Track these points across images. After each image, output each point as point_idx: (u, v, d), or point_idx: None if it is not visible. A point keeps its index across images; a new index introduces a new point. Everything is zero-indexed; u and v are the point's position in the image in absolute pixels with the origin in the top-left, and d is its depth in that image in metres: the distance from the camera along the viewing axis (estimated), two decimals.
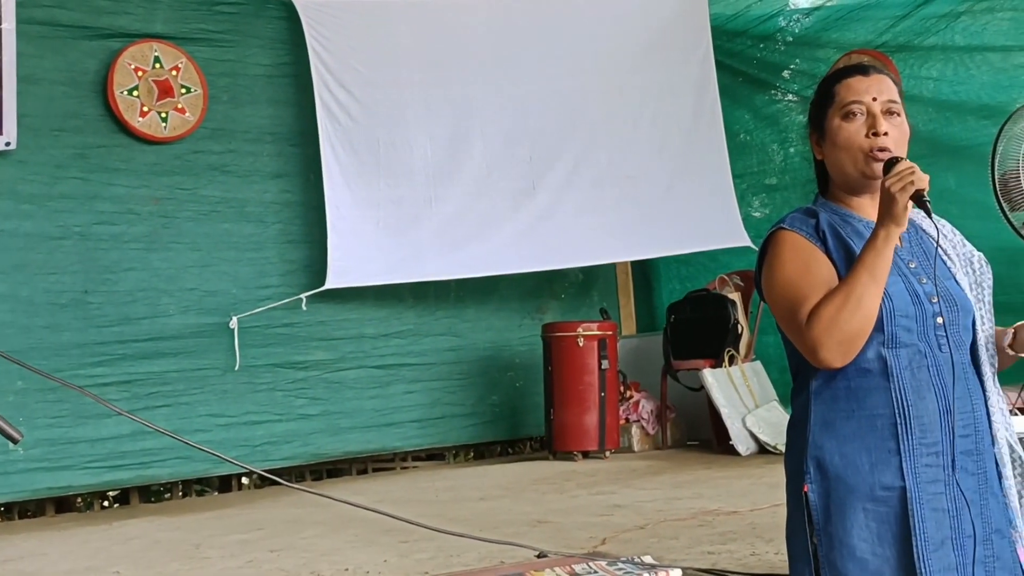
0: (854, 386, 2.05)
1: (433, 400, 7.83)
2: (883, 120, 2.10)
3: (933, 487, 2.02)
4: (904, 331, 2.05)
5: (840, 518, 2.03)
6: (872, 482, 2.02)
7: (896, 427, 2.02)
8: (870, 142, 2.10)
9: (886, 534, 2.01)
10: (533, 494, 6.24)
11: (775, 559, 4.03)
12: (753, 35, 9.02)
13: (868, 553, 2.01)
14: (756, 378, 7.76)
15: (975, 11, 7.89)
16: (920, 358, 2.05)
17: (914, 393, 2.03)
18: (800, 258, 2.09)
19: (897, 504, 2.01)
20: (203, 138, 7.09)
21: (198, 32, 7.14)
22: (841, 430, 2.05)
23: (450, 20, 7.93)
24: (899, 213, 1.99)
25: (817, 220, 2.14)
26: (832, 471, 2.04)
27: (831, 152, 2.16)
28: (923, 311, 2.07)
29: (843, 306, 1.98)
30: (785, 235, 2.13)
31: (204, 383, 6.89)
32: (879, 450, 2.03)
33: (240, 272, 7.16)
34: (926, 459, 2.02)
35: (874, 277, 1.98)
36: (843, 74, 2.18)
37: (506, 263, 7.87)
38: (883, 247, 1.99)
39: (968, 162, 7.42)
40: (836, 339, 1.98)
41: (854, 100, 2.12)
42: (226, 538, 5.33)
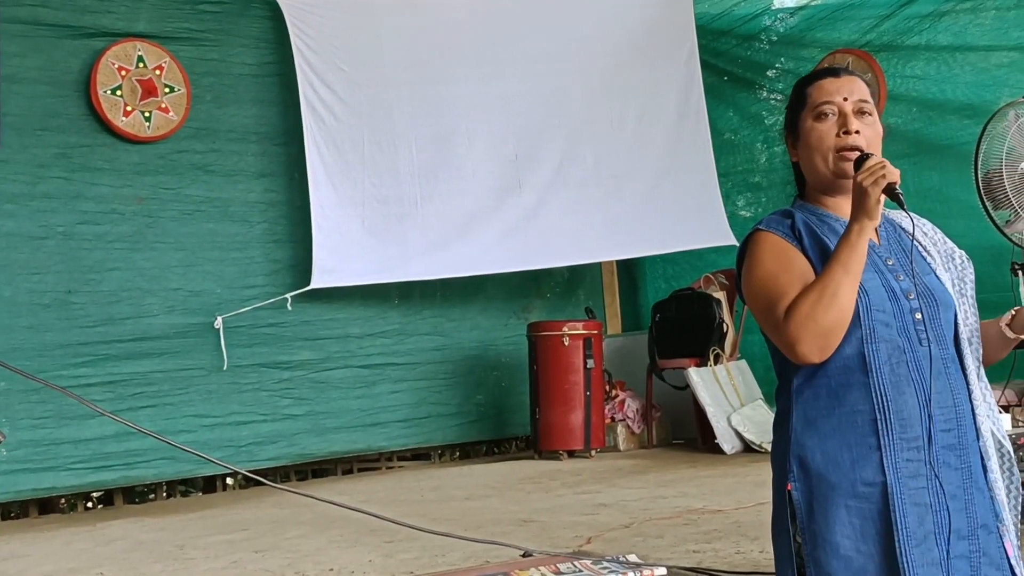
0: (834, 383, 2.06)
1: (419, 400, 7.82)
2: (854, 119, 2.13)
3: (914, 482, 2.02)
4: (882, 326, 2.06)
5: (823, 516, 2.03)
6: (854, 478, 2.02)
7: (876, 423, 2.03)
8: (841, 141, 2.12)
9: (869, 530, 2.01)
10: (518, 493, 6.24)
11: (760, 557, 4.04)
12: (738, 34, 9.03)
13: (852, 550, 2.01)
14: (741, 377, 7.77)
15: (958, 11, 7.92)
16: (899, 353, 2.06)
17: (893, 388, 2.04)
18: (776, 257, 2.11)
19: (879, 500, 2.01)
20: (187, 137, 7.07)
21: (182, 31, 7.11)
22: (822, 428, 2.06)
23: (435, 19, 7.92)
24: (872, 207, 2.01)
25: (793, 220, 2.16)
26: (814, 469, 2.05)
27: (805, 153, 2.18)
28: (900, 307, 2.08)
29: (818, 300, 1.99)
30: (762, 236, 2.15)
31: (189, 383, 6.87)
32: (860, 446, 2.03)
33: (225, 272, 7.14)
34: (907, 454, 2.02)
35: (848, 271, 2.00)
36: (814, 77, 2.21)
37: (491, 262, 7.87)
38: (857, 241, 2.01)
39: (951, 161, 7.46)
40: (813, 333, 1.99)
41: (825, 101, 2.14)
42: (210, 539, 5.31)
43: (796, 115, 2.19)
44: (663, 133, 8.48)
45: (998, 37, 7.82)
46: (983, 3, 7.84)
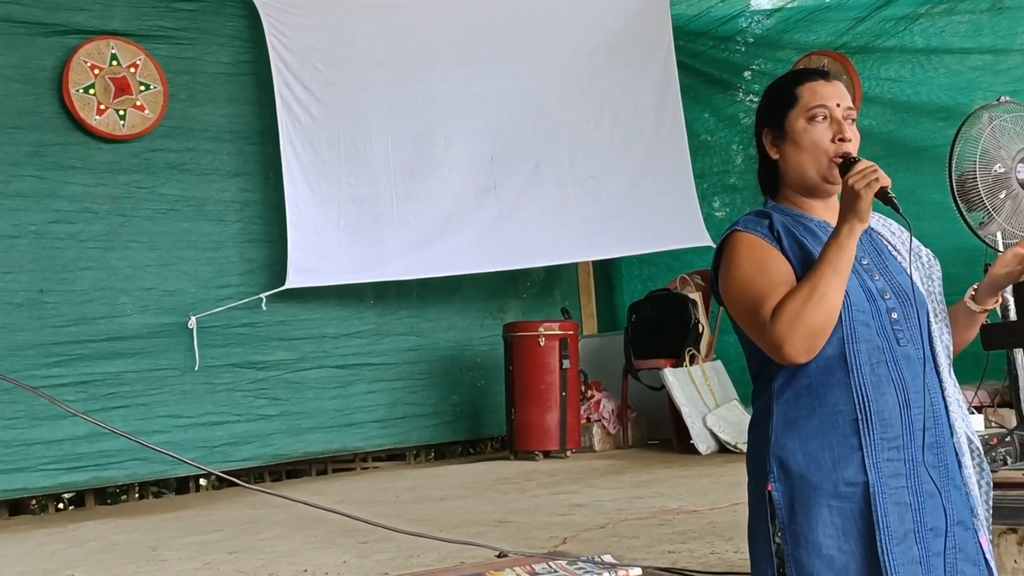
0: (815, 384, 2.06)
1: (394, 400, 7.80)
2: (848, 126, 2.13)
3: (895, 481, 2.03)
4: (862, 326, 2.06)
5: (805, 516, 2.03)
6: (836, 479, 2.02)
7: (857, 423, 2.03)
8: (836, 147, 2.12)
9: (851, 530, 2.01)
10: (494, 494, 6.23)
11: (735, 557, 4.04)
12: (715, 36, 9.05)
13: (834, 549, 2.01)
14: (717, 377, 7.78)
15: (933, 14, 7.95)
16: (879, 353, 2.06)
17: (874, 388, 2.04)
18: (756, 257, 2.10)
19: (860, 499, 2.01)
20: (162, 136, 7.03)
21: (157, 29, 7.08)
22: (803, 428, 2.06)
23: (412, 20, 7.91)
24: (863, 209, 2.01)
25: (771, 220, 2.15)
26: (796, 469, 2.05)
27: (793, 154, 2.17)
28: (878, 307, 2.09)
29: (807, 300, 1.99)
30: (740, 236, 2.14)
31: (162, 384, 6.83)
32: (841, 446, 2.03)
33: (199, 271, 7.10)
34: (887, 453, 2.03)
35: (837, 272, 2.00)
36: (804, 77, 2.19)
37: (468, 263, 7.86)
38: (846, 242, 2.01)
39: (926, 163, 7.48)
40: (801, 334, 1.99)
41: (820, 104, 2.14)
42: (183, 540, 5.28)
43: (783, 113, 2.18)
44: (640, 134, 8.49)
45: (972, 40, 7.86)
46: (957, 6, 7.88)
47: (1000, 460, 3.21)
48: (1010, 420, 4.14)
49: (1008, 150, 3.53)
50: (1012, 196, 3.50)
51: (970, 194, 5.69)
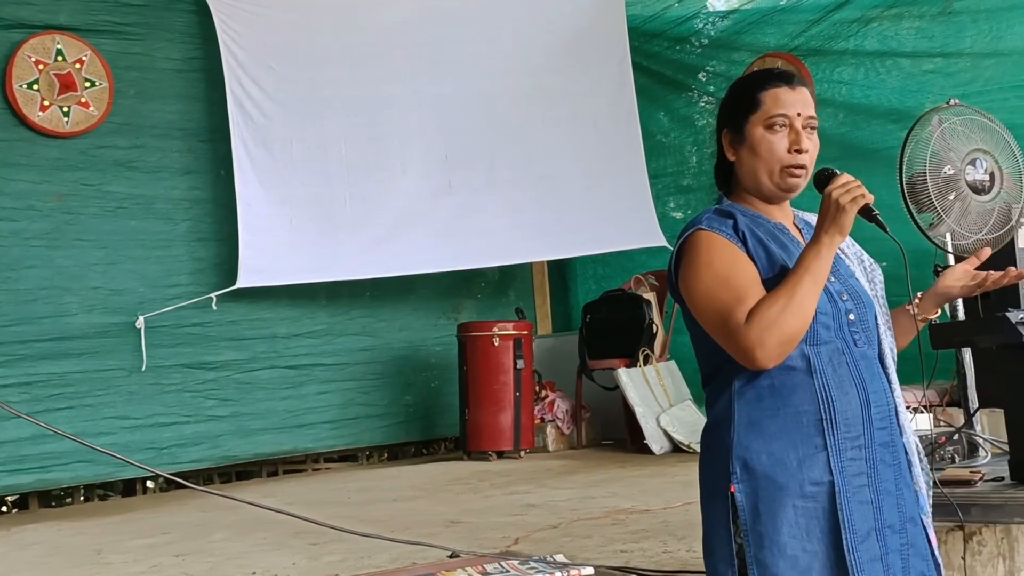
0: (778, 384, 2.06)
1: (347, 401, 7.74)
2: (805, 137, 2.13)
3: (857, 480, 2.04)
4: (824, 328, 2.07)
5: (770, 517, 2.03)
6: (801, 479, 2.03)
7: (822, 423, 2.04)
8: (791, 158, 2.12)
9: (815, 529, 2.02)
10: (447, 494, 6.19)
11: (687, 556, 4.03)
12: (670, 37, 9.07)
13: (798, 550, 2.01)
14: (670, 377, 7.79)
15: (885, 17, 8.02)
16: (839, 355, 2.08)
17: (837, 389, 2.06)
18: (725, 258, 2.09)
19: (825, 499, 2.02)
20: (108, 133, 6.92)
21: (104, 24, 6.97)
22: (767, 429, 2.06)
23: (367, 19, 7.86)
24: (847, 224, 2.03)
25: (735, 220, 2.14)
26: (760, 470, 2.04)
27: (748, 159, 2.17)
28: (837, 309, 2.10)
29: (785, 308, 1.99)
30: (705, 236, 2.12)
31: (109, 384, 6.72)
32: (806, 446, 2.04)
33: (147, 270, 7.00)
34: (850, 452, 2.04)
35: (816, 281, 2.02)
36: (768, 81, 2.18)
37: (422, 263, 7.82)
38: (826, 253, 2.02)
39: (878, 165, 7.52)
40: (777, 340, 1.99)
41: (781, 113, 2.13)
42: (130, 543, 5.19)
43: (743, 116, 2.17)
44: (595, 134, 8.49)
45: (923, 43, 7.94)
46: (909, 10, 7.96)
47: (948, 458, 3.23)
48: (958, 419, 4.17)
49: (957, 152, 3.55)
50: (961, 198, 3.52)
51: (920, 196, 5.74)
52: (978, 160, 3.70)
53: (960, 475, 2.91)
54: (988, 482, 2.88)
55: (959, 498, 2.75)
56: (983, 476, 2.91)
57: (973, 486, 2.84)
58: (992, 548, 3.16)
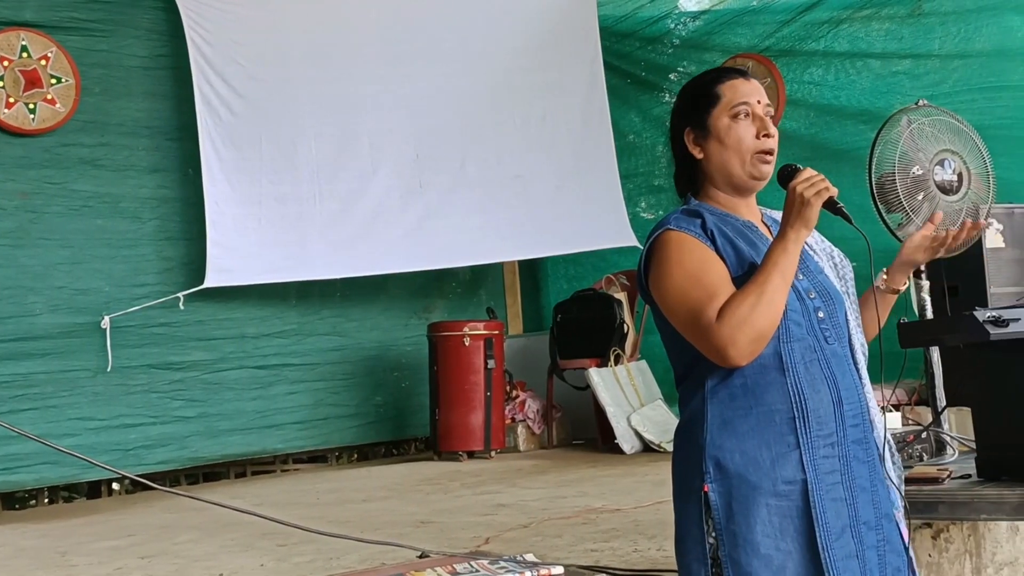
0: (751, 383, 2.05)
1: (316, 401, 7.68)
2: (770, 122, 2.14)
3: (831, 477, 2.04)
4: (795, 326, 2.07)
5: (744, 516, 2.02)
6: (774, 477, 2.02)
7: (794, 421, 2.04)
8: (761, 143, 2.12)
9: (788, 528, 2.01)
10: (417, 495, 6.17)
11: (658, 555, 4.04)
12: (642, 37, 9.09)
13: (772, 548, 2.01)
14: (641, 377, 7.80)
15: (856, 19, 8.07)
16: (811, 352, 2.07)
17: (809, 386, 2.05)
18: (695, 257, 2.08)
19: (799, 497, 2.02)
20: (74, 131, 6.85)
21: (70, 21, 6.89)
22: (740, 428, 2.05)
23: (337, 16, 7.81)
24: (812, 217, 2.03)
25: (703, 219, 2.13)
26: (733, 469, 2.03)
27: (717, 151, 2.16)
28: (806, 306, 2.10)
29: (756, 305, 1.98)
30: (674, 235, 2.11)
31: (74, 385, 6.64)
32: (779, 445, 2.03)
33: (114, 270, 6.93)
34: (823, 450, 2.04)
35: (784, 277, 2.01)
36: (723, 76, 2.19)
37: (393, 262, 7.78)
38: (793, 248, 2.02)
39: (847, 165, 7.55)
40: (749, 337, 1.98)
41: (743, 102, 2.14)
42: (95, 545, 5.15)
43: (705, 112, 2.16)
44: (566, 134, 8.49)
45: (893, 45, 8.00)
46: (879, 12, 8.01)
47: (916, 456, 3.23)
48: (926, 417, 4.19)
49: (926, 152, 3.55)
50: (929, 198, 3.52)
51: (889, 196, 5.77)
52: (946, 161, 3.70)
53: (927, 473, 2.91)
54: (955, 480, 2.88)
55: (927, 496, 2.75)
56: (950, 474, 2.91)
57: (940, 484, 2.84)
58: (959, 545, 3.17)
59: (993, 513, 2.73)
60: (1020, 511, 2.65)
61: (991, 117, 6.97)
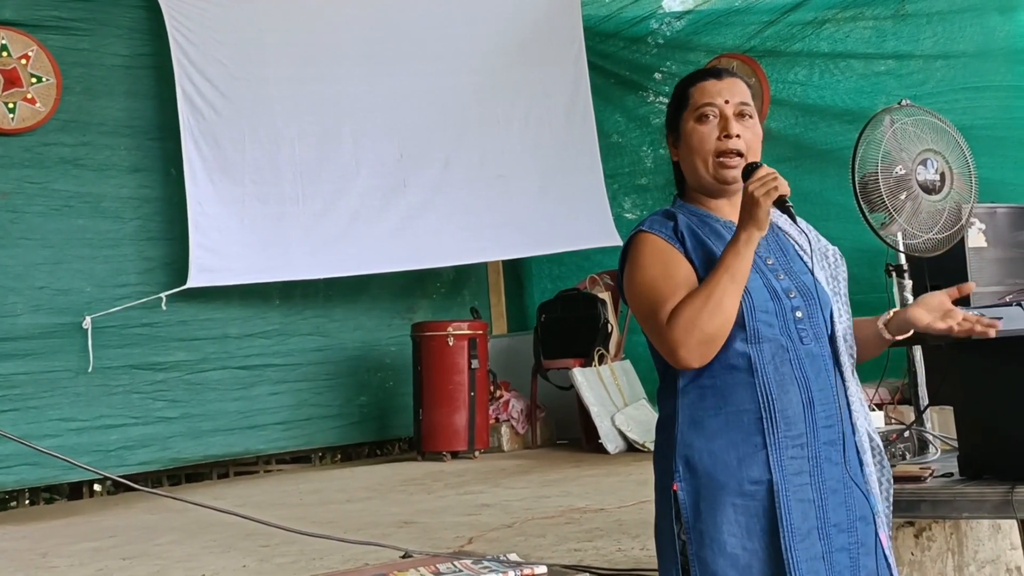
0: (720, 383, 2.06)
1: (299, 401, 7.65)
2: (735, 122, 2.12)
3: (798, 479, 2.03)
4: (765, 326, 2.06)
5: (710, 515, 2.03)
6: (740, 477, 2.02)
7: (762, 422, 2.03)
8: (721, 145, 2.11)
9: (755, 528, 2.02)
10: (400, 495, 6.16)
11: (641, 554, 4.03)
12: (625, 37, 9.09)
13: (738, 548, 2.01)
14: (625, 377, 7.79)
15: (839, 19, 8.09)
16: (782, 352, 2.06)
17: (778, 387, 2.05)
18: (659, 260, 2.09)
19: (765, 497, 2.02)
20: (55, 130, 6.81)
21: (51, 19, 6.85)
22: (709, 427, 2.06)
23: (319, 15, 7.79)
24: (762, 218, 2.01)
25: (675, 222, 2.14)
26: (701, 469, 2.04)
27: (686, 155, 2.17)
28: (782, 306, 2.09)
29: (703, 307, 1.99)
30: (644, 237, 2.13)
31: (54, 386, 6.61)
32: (746, 445, 2.03)
33: (95, 270, 6.89)
34: (791, 451, 2.03)
35: (735, 279, 2.00)
36: (697, 78, 2.20)
37: (376, 262, 7.76)
38: (744, 250, 2.01)
39: (831, 165, 7.59)
40: (696, 339, 1.99)
41: (707, 103, 2.13)
42: (75, 546, 5.12)
43: (678, 115, 2.18)
44: (550, 134, 8.49)
45: (876, 45, 8.02)
46: (862, 12, 8.03)
47: (899, 455, 3.24)
48: (909, 417, 4.20)
49: (909, 152, 3.56)
50: (912, 197, 3.53)
51: (872, 195, 5.78)
52: (929, 160, 3.71)
53: (910, 471, 2.92)
54: (937, 478, 2.88)
55: (909, 494, 2.76)
56: (932, 472, 2.92)
57: (923, 482, 2.84)
58: (941, 543, 3.17)
59: (975, 511, 2.74)
60: (1001, 509, 2.65)
61: (973, 117, 7.00)
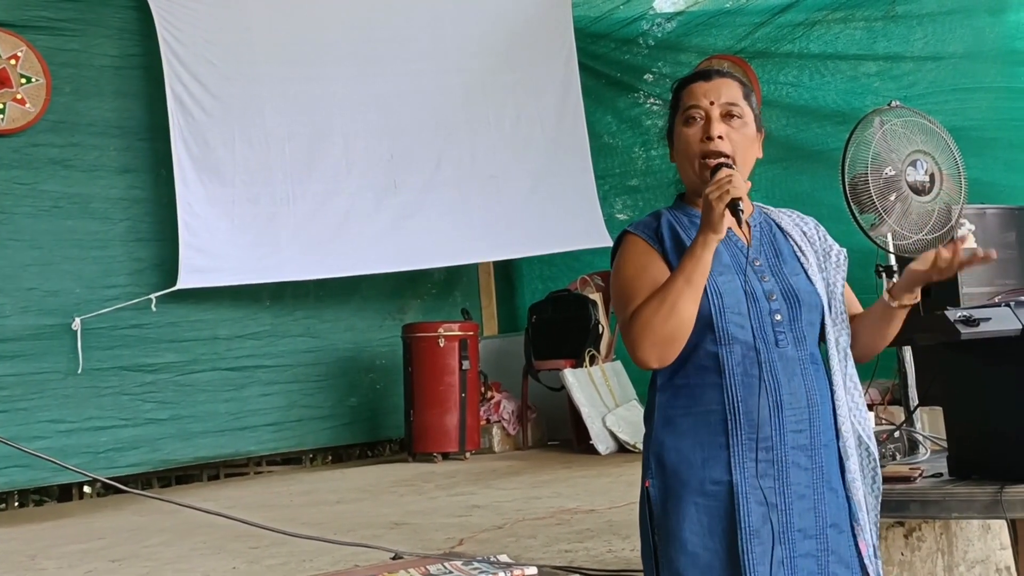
0: (692, 383, 2.08)
1: (290, 403, 7.64)
2: (718, 123, 2.11)
3: (763, 481, 2.03)
4: (737, 328, 2.06)
5: (675, 513, 2.04)
6: (703, 477, 2.04)
7: (726, 423, 2.04)
8: (703, 146, 2.11)
9: (716, 527, 2.02)
10: (391, 496, 6.14)
11: (631, 555, 4.02)
12: (617, 38, 9.09)
13: (699, 547, 2.02)
14: (616, 378, 7.79)
15: (829, 21, 8.10)
16: (753, 355, 2.06)
17: (744, 389, 2.05)
18: (635, 261, 2.12)
19: (726, 498, 2.02)
20: (44, 131, 6.79)
21: (40, 20, 6.83)
22: (679, 426, 2.07)
23: (309, 15, 7.76)
24: (715, 221, 2.00)
25: (659, 222, 2.16)
26: (669, 467, 2.06)
27: (677, 157, 2.19)
28: (759, 308, 2.08)
29: (658, 309, 2.01)
30: (626, 238, 2.17)
31: (44, 387, 6.58)
32: (711, 445, 2.05)
33: (84, 271, 6.87)
34: (755, 454, 2.04)
35: (690, 282, 2.00)
36: (687, 80, 2.21)
37: (367, 263, 7.74)
38: (701, 253, 2.01)
39: (822, 166, 7.59)
40: (650, 341, 2.01)
41: (693, 104, 2.14)
42: (64, 548, 5.10)
43: (672, 120, 2.20)
44: (541, 135, 8.48)
45: (867, 46, 8.02)
46: (853, 14, 8.03)
47: (889, 456, 3.24)
48: (899, 417, 4.20)
49: (898, 153, 3.57)
50: (902, 198, 3.54)
51: (862, 196, 5.78)
52: (919, 161, 3.72)
53: (899, 472, 2.92)
54: (927, 478, 2.88)
55: (899, 494, 2.76)
56: (922, 472, 2.92)
57: (912, 482, 2.84)
58: (931, 543, 3.18)
59: (964, 511, 2.74)
60: (991, 509, 2.65)
61: (963, 118, 7.01)
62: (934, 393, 3.32)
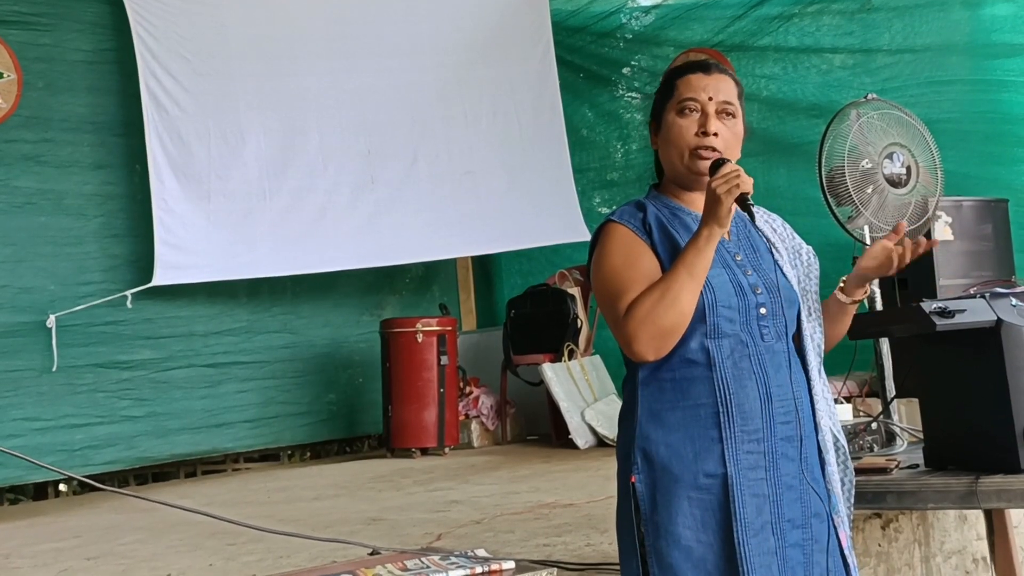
0: (679, 376, 2.07)
1: (267, 399, 7.60)
2: (715, 120, 2.12)
3: (754, 473, 2.04)
4: (726, 322, 2.07)
5: (666, 507, 2.04)
6: (696, 470, 2.04)
7: (718, 416, 2.05)
8: (698, 140, 2.12)
9: (709, 521, 2.03)
10: (369, 492, 6.12)
11: (609, 549, 4.02)
12: (594, 32, 9.09)
13: (693, 540, 2.02)
14: (595, 372, 7.79)
15: (806, 13, 8.12)
16: (742, 348, 2.07)
17: (735, 382, 2.05)
18: (624, 251, 2.10)
19: (719, 491, 2.03)
20: (16, 127, 6.71)
21: (11, 14, 6.75)
22: (667, 420, 2.07)
23: (284, 10, 7.72)
24: (723, 215, 2.01)
25: (645, 213, 2.15)
26: (659, 461, 2.06)
27: (663, 145, 2.18)
28: (746, 302, 2.09)
29: (659, 302, 1.99)
30: (612, 228, 2.14)
31: (17, 385, 6.51)
32: (702, 439, 2.04)
33: (58, 268, 6.81)
34: (747, 446, 2.04)
35: (693, 275, 2.00)
36: (686, 69, 2.20)
37: (344, 259, 7.71)
38: (704, 247, 2.01)
39: (799, 159, 7.61)
40: (650, 334, 2.00)
41: (690, 97, 2.14)
42: (39, 547, 5.05)
43: (662, 105, 2.19)
44: (518, 129, 8.46)
45: (842, 40, 8.05)
46: (828, 7, 8.06)
47: (866, 447, 3.25)
48: (877, 409, 4.22)
49: (875, 146, 3.58)
50: (878, 191, 3.56)
51: (839, 189, 5.80)
52: (895, 154, 3.73)
53: (876, 463, 2.93)
54: (903, 470, 2.90)
55: (876, 486, 2.76)
56: (899, 464, 2.93)
57: (889, 474, 2.85)
58: (908, 534, 3.19)
59: (940, 502, 2.75)
60: (966, 499, 2.67)
61: (939, 111, 7.04)
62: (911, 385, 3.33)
